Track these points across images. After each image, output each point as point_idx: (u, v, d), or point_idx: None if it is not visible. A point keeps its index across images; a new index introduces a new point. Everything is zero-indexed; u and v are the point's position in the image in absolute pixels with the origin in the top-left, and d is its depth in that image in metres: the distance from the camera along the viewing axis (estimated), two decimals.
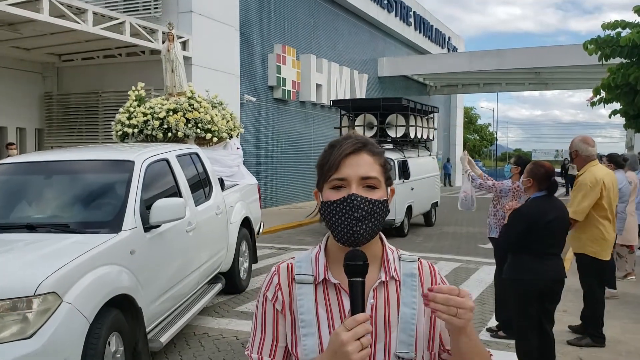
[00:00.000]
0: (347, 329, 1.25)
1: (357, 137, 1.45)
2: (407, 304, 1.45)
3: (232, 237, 7.20)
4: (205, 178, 6.68)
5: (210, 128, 8.43)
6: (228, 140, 8.81)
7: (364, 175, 1.39)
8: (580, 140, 5.33)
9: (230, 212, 7.26)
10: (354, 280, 1.33)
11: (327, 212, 1.40)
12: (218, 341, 5.78)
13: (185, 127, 8.29)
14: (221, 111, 8.83)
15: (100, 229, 4.50)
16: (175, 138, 8.36)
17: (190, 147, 6.91)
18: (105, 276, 4.05)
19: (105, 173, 5.43)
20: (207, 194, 6.57)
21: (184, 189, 5.81)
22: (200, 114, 8.40)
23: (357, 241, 1.37)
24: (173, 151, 6.07)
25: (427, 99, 34.65)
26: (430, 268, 1.52)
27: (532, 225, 4.15)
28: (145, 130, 8.42)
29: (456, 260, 10.33)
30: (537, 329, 4.30)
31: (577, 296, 7.29)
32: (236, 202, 7.61)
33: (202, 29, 15.08)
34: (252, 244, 8.12)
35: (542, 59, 25.71)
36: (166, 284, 5.05)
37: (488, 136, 65.96)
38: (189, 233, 5.60)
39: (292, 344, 1.44)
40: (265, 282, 1.50)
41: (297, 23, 20.67)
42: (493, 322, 6.44)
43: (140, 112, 8.50)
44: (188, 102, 8.54)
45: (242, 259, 7.71)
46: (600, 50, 11.53)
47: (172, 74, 9.00)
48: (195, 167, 6.51)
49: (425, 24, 32.36)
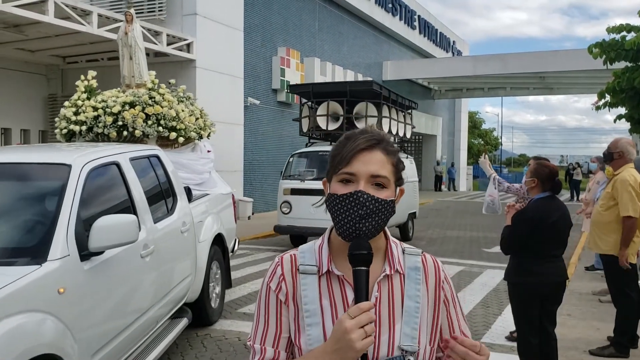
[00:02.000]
0: (351, 316, 1.25)
1: (373, 133, 1.43)
2: (411, 297, 1.44)
3: (201, 259, 5.85)
4: (168, 187, 5.41)
5: (175, 126, 6.99)
6: (197, 142, 7.49)
7: (374, 173, 1.38)
8: (627, 142, 5.33)
9: (199, 229, 5.92)
10: (358, 269, 1.33)
11: (332, 205, 1.40)
12: (220, 342, 5.76)
13: (145, 125, 6.85)
14: (189, 106, 7.38)
15: (16, 259, 3.25)
16: (132, 138, 6.96)
17: (149, 149, 5.58)
18: (19, 330, 2.83)
19: (31, 181, 4.04)
20: (170, 207, 5.29)
21: (140, 201, 4.51)
22: (163, 108, 6.95)
23: (359, 238, 1.36)
24: (126, 153, 4.76)
25: (432, 103, 34.66)
26: (435, 263, 1.52)
27: (536, 227, 4.10)
28: (95, 128, 6.97)
29: (460, 264, 10.29)
30: (538, 330, 4.27)
31: (581, 300, 7.27)
32: (206, 216, 6.28)
33: (207, 32, 15.11)
34: (225, 266, 6.74)
35: (546, 64, 25.68)
36: (111, 331, 3.79)
37: (492, 141, 65.87)
38: (145, 259, 4.34)
39: (296, 334, 1.43)
40: (268, 273, 1.50)
41: (301, 26, 20.70)
42: (497, 325, 6.41)
43: (90, 106, 7.06)
44: (148, 94, 7.10)
45: (214, 284, 6.35)
46: (605, 54, 11.49)
47: (131, 61, 7.58)
48: (156, 174, 5.24)
49: (429, 27, 32.38)
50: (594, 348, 5.37)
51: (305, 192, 10.82)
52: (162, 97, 7.09)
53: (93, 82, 7.42)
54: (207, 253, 6.01)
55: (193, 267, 5.66)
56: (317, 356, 1.34)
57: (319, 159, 11.51)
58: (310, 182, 10.94)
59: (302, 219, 10.79)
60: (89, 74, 7.50)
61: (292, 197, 11.02)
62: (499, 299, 7.68)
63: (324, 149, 11.63)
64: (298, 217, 10.89)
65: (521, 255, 4.22)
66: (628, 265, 5.12)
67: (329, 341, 1.31)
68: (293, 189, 11.03)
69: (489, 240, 13.72)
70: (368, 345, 1.26)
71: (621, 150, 5.25)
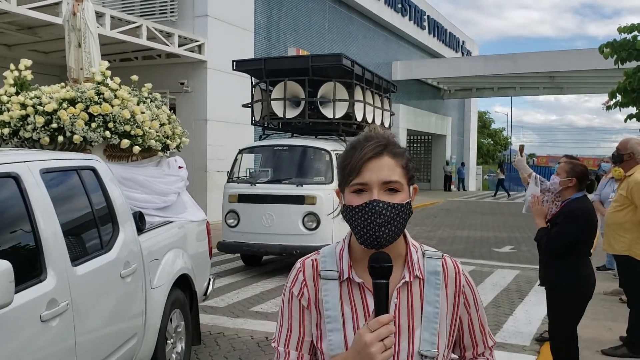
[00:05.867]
0: (371, 330, 1.29)
1: (378, 139, 1.43)
2: (431, 302, 1.46)
3: (153, 311, 4.23)
4: (107, 213, 3.92)
5: (129, 131, 5.17)
6: (163, 155, 5.66)
7: (386, 180, 1.38)
8: (636, 142, 5.30)
9: (154, 269, 4.37)
10: (378, 282, 1.35)
11: (349, 216, 1.41)
12: (234, 340, 5.83)
13: (87, 128, 5.04)
14: (152, 109, 5.54)
15: None
16: (70, 144, 5.14)
17: (82, 158, 4.06)
18: None
19: None
20: (106, 242, 3.80)
21: (48, 232, 3.09)
22: (114, 108, 5.14)
23: (381, 245, 1.38)
24: (36, 162, 3.31)
25: (442, 103, 34.61)
26: (455, 266, 1.53)
27: (585, 228, 4.06)
28: (22, 132, 5.20)
29: (470, 263, 10.30)
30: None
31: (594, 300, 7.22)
32: (165, 252, 4.68)
33: (218, 33, 15.21)
34: (191, 315, 5.11)
35: (556, 63, 25.59)
36: None
37: (502, 141, 65.67)
38: (50, 323, 2.93)
39: (318, 338, 1.46)
40: (290, 278, 1.52)
41: (311, 26, 20.76)
42: (508, 324, 6.44)
43: (18, 102, 5.31)
44: (96, 90, 5.25)
45: (173, 340, 4.70)
46: (616, 53, 11.47)
47: (79, 49, 5.91)
48: (87, 194, 3.74)
49: (439, 27, 32.34)
50: (607, 348, 5.38)
51: (257, 198, 8.59)
52: (114, 93, 5.25)
53: (27, 74, 5.68)
54: (164, 302, 4.39)
55: (141, 324, 4.10)
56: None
57: (276, 156, 9.39)
58: (264, 186, 8.71)
59: (253, 234, 8.55)
60: (22, 62, 5.68)
61: (239, 205, 8.69)
62: (510, 298, 7.70)
63: (281, 142, 9.53)
64: (248, 231, 8.61)
65: (568, 257, 4.10)
66: None
67: (350, 353, 1.35)
68: (241, 195, 8.71)
69: (499, 240, 13.72)
70: (387, 358, 1.29)
71: (632, 151, 5.24)
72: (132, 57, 14.89)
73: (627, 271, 5.33)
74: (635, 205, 5.11)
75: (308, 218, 8.37)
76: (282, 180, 8.85)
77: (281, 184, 8.75)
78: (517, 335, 6.07)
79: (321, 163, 8.98)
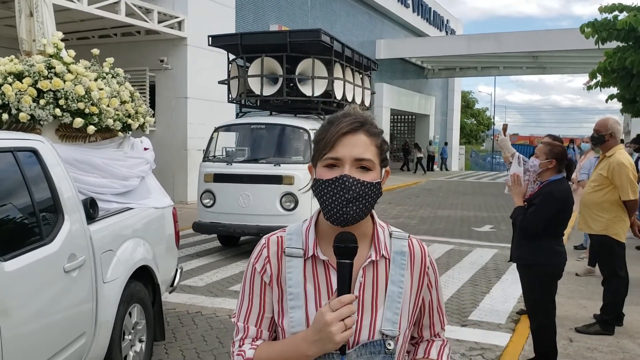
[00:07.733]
0: (332, 309, 1.29)
1: (355, 116, 1.42)
2: (395, 282, 1.46)
3: (105, 307, 3.80)
4: (50, 199, 3.48)
5: (83, 109, 4.58)
6: (124, 135, 5.12)
7: (358, 157, 1.38)
8: (615, 122, 5.30)
9: (107, 262, 3.91)
10: (342, 262, 1.35)
11: (318, 190, 1.40)
12: (211, 320, 5.82)
13: (35, 105, 4.50)
14: (112, 85, 4.97)
15: None
16: (16, 123, 4.55)
17: (20, 139, 3.54)
18: None
19: None
20: (46, 233, 3.33)
21: None
22: (66, 83, 4.56)
23: (347, 221, 1.37)
24: None
25: (425, 83, 34.56)
26: (421, 248, 1.53)
27: (562, 208, 4.13)
28: None
29: (449, 242, 10.37)
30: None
31: (570, 278, 7.35)
32: (121, 242, 4.21)
33: (198, 9, 14.97)
34: (154, 311, 4.65)
35: (540, 43, 25.61)
36: None
37: (485, 120, 65.89)
38: None
39: (279, 315, 1.46)
40: (254, 254, 1.51)
41: (293, 3, 20.52)
42: (485, 302, 6.50)
43: None
44: (46, 63, 4.63)
45: (132, 337, 4.27)
46: (597, 33, 11.49)
47: (31, 18, 5.22)
48: (24, 179, 3.29)
49: (423, 6, 32.17)
50: (580, 326, 5.47)
51: (234, 178, 8.51)
52: (67, 67, 4.71)
53: None
54: (118, 297, 3.97)
55: (90, 322, 3.69)
56: (298, 343, 1.37)
57: (253, 135, 9.25)
58: (241, 165, 8.63)
59: (230, 215, 8.48)
60: None
61: (215, 185, 8.61)
62: (487, 277, 7.77)
63: (258, 121, 9.46)
64: (224, 211, 8.53)
65: (542, 236, 4.17)
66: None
67: (310, 331, 1.35)
68: (217, 175, 8.62)
69: (479, 219, 13.82)
70: (347, 338, 1.30)
71: (612, 131, 5.24)
72: (110, 33, 14.63)
73: (604, 250, 5.38)
74: (614, 185, 5.14)
75: (286, 198, 8.29)
76: (259, 160, 8.72)
77: (258, 164, 8.62)
78: (493, 313, 6.13)
79: (299, 142, 8.87)
